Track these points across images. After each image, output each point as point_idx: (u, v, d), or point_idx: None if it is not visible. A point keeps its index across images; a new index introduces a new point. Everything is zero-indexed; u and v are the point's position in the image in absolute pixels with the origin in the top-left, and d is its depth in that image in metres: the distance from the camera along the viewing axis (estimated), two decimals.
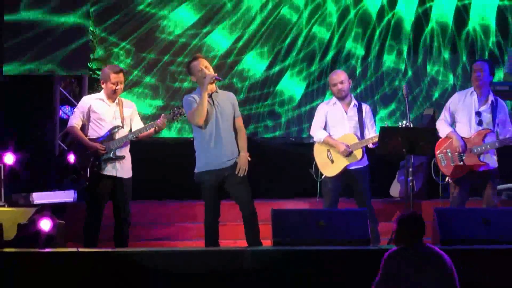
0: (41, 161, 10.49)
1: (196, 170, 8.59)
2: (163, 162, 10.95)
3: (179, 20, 12.06)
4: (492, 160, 9.00)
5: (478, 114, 9.02)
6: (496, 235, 7.81)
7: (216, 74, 8.51)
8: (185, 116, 8.81)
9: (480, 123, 9.01)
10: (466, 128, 9.05)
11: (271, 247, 7.87)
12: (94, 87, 11.16)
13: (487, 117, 9.02)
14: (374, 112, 10.44)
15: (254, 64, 12.27)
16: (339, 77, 9.24)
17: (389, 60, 12.43)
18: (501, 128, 9.00)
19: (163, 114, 8.86)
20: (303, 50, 12.34)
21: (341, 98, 9.22)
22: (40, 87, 10.89)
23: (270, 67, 12.29)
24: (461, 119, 9.07)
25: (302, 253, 7.49)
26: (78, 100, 10.80)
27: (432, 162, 9.17)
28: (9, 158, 9.35)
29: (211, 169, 8.50)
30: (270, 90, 12.25)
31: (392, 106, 12.25)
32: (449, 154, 8.98)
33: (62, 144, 10.77)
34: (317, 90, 12.27)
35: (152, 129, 8.82)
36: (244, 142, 8.62)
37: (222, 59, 12.13)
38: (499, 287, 7.19)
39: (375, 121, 9.44)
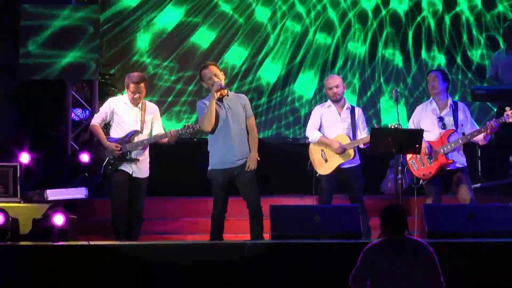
0: (54, 160, 10.50)
1: (209, 168, 8.65)
2: (171, 161, 10.95)
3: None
4: (459, 158, 9.03)
5: (441, 119, 9.09)
6: (480, 229, 7.85)
7: (222, 83, 8.54)
8: (197, 130, 8.92)
9: (443, 126, 9.07)
10: (432, 133, 9.09)
11: (270, 241, 7.89)
12: (104, 90, 11.20)
13: (449, 120, 9.08)
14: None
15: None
16: (335, 81, 9.28)
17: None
18: (465, 127, 9.07)
19: (175, 130, 8.90)
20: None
21: (335, 101, 9.25)
22: (54, 91, 10.93)
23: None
24: (427, 127, 9.08)
25: (298, 246, 7.52)
26: (89, 103, 10.88)
27: (405, 169, 9.18)
28: (25, 157, 9.38)
29: (222, 168, 8.56)
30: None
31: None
32: (419, 158, 9.02)
33: (74, 144, 10.79)
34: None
35: (166, 139, 8.88)
36: (254, 142, 8.65)
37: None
38: (482, 277, 7.20)
39: (367, 123, 9.49)
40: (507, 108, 8.79)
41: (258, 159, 8.60)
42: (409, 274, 6.12)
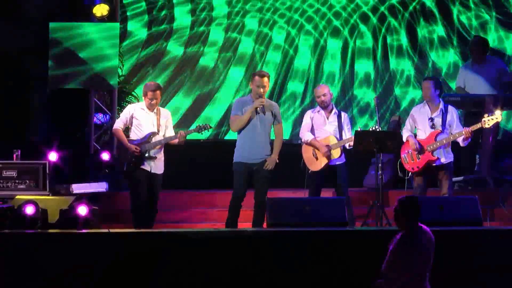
0: (79, 158, 10.49)
1: (234, 160, 8.79)
2: (181, 159, 10.93)
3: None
4: (446, 156, 9.03)
5: (431, 119, 9.09)
6: (448, 219, 7.85)
7: (262, 105, 8.65)
8: (208, 131, 8.97)
9: (433, 126, 9.08)
10: (423, 132, 9.12)
11: (267, 228, 7.91)
12: (122, 97, 11.19)
13: (438, 121, 9.09)
14: None
15: None
16: (323, 90, 9.30)
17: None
18: (452, 128, 9.06)
19: (183, 131, 8.93)
20: None
21: (323, 107, 9.27)
22: (79, 99, 10.94)
23: None
24: (419, 126, 9.15)
25: (292, 233, 7.54)
26: (109, 108, 10.88)
27: (398, 162, 9.24)
28: (53, 156, 9.38)
29: (243, 161, 8.70)
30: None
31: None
32: (410, 153, 9.03)
33: (96, 145, 10.78)
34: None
35: (176, 140, 8.88)
36: (278, 145, 8.84)
37: None
38: (450, 261, 7.19)
39: (351, 126, 9.49)
40: (485, 115, 8.81)
41: (277, 161, 8.67)
42: (425, 262, 6.07)
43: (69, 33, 10.44)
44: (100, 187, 9.29)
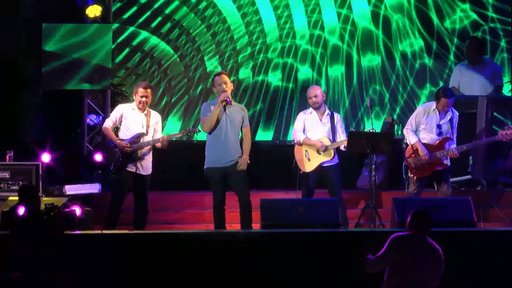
0: (72, 159, 10.48)
1: (205, 166, 8.70)
2: (176, 160, 10.92)
3: None
4: (447, 161, 9.07)
5: (439, 126, 9.07)
6: (442, 220, 7.84)
7: (229, 97, 8.60)
8: (197, 134, 8.95)
9: (440, 134, 9.06)
10: (429, 137, 9.07)
11: (260, 229, 7.90)
12: (115, 99, 11.17)
13: (445, 128, 9.07)
14: None
15: None
16: (315, 91, 9.29)
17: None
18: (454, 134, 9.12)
19: (167, 135, 8.92)
20: None
21: (316, 108, 9.26)
22: (72, 99, 10.92)
23: None
24: (425, 129, 9.09)
25: (285, 234, 7.54)
26: (102, 109, 10.85)
27: (403, 164, 9.19)
28: (46, 157, 9.39)
29: (216, 166, 8.60)
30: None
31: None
32: (418, 159, 8.98)
33: (89, 146, 10.75)
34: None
35: (159, 144, 8.85)
36: (247, 146, 8.74)
37: None
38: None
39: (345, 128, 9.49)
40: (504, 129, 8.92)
41: (249, 162, 8.64)
42: (422, 274, 6.04)
43: (62, 34, 10.42)
44: (93, 188, 9.30)
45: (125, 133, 8.89)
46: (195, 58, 11.95)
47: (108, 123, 8.99)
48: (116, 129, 9.06)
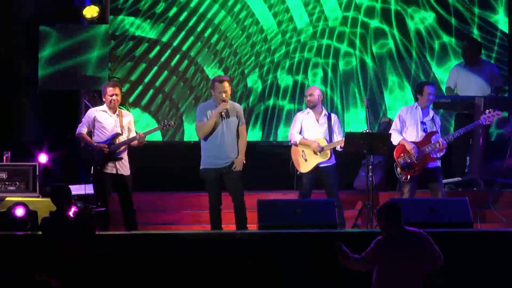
0: (69, 160, 10.47)
1: (201, 167, 8.67)
2: (172, 160, 10.91)
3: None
4: (436, 155, 9.07)
5: (423, 123, 9.12)
6: (439, 220, 7.85)
7: (226, 109, 8.54)
8: (173, 128, 8.89)
9: (424, 130, 9.10)
10: (414, 134, 9.14)
11: (257, 230, 7.90)
12: None
13: (429, 125, 9.13)
14: None
15: None
16: (309, 91, 9.36)
17: None
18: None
19: (143, 132, 8.85)
20: None
21: (312, 108, 9.27)
22: (69, 100, 10.93)
23: None
24: (409, 127, 9.15)
25: (282, 235, 7.55)
26: None
27: (394, 165, 9.18)
28: (43, 158, 9.40)
29: (212, 167, 8.58)
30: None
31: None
32: (407, 157, 8.99)
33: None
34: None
35: (136, 142, 8.82)
36: (243, 146, 8.69)
37: None
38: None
39: (342, 128, 9.50)
40: (487, 111, 9.01)
41: (244, 162, 8.62)
42: (412, 265, 6.02)
43: (59, 34, 10.42)
44: (89, 189, 9.26)
45: (100, 136, 8.80)
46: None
47: (81, 129, 8.86)
48: (90, 134, 8.95)
